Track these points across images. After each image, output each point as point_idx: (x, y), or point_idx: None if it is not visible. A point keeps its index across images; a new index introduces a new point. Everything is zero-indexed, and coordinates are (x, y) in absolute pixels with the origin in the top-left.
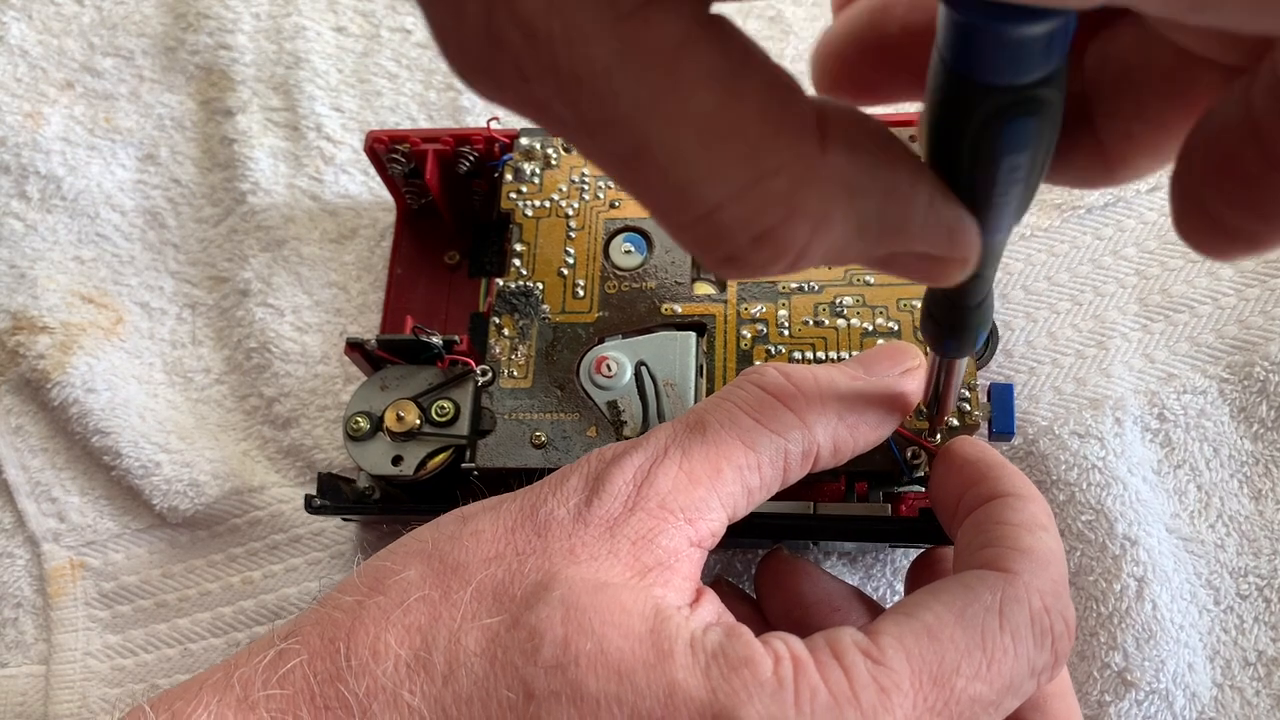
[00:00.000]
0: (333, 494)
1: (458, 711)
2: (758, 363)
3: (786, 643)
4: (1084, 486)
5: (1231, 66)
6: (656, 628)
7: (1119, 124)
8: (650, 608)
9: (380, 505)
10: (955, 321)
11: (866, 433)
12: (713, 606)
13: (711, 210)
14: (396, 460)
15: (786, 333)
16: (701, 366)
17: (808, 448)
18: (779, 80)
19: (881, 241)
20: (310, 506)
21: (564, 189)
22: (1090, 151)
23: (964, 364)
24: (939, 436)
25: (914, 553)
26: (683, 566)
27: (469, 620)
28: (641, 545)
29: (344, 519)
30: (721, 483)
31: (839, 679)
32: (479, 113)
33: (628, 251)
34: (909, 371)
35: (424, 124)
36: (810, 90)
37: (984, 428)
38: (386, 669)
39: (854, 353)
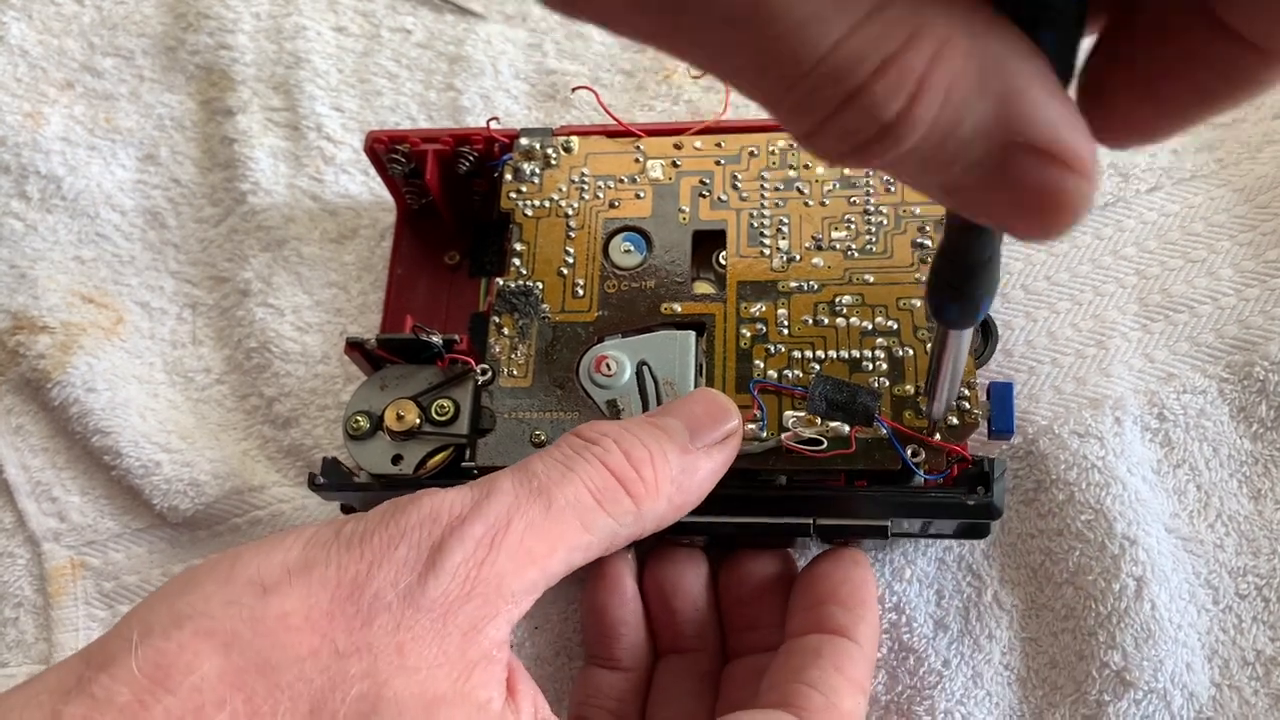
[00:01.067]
0: (335, 475)
1: None
2: (757, 362)
3: None
4: (1083, 486)
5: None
6: None
7: None
8: None
9: (384, 482)
10: (962, 282)
11: (689, 506)
12: (529, 694)
13: (833, 47)
14: (396, 459)
15: (786, 332)
16: (701, 366)
17: (634, 532)
18: None
19: (1002, 102)
20: (313, 484)
21: (564, 189)
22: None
23: (965, 344)
24: (936, 431)
25: (912, 553)
26: (502, 655)
27: None
28: (470, 638)
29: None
30: (553, 563)
31: None
32: (479, 113)
33: (627, 251)
34: (730, 438)
35: (424, 124)
36: None
37: (983, 426)
38: None
39: (854, 352)
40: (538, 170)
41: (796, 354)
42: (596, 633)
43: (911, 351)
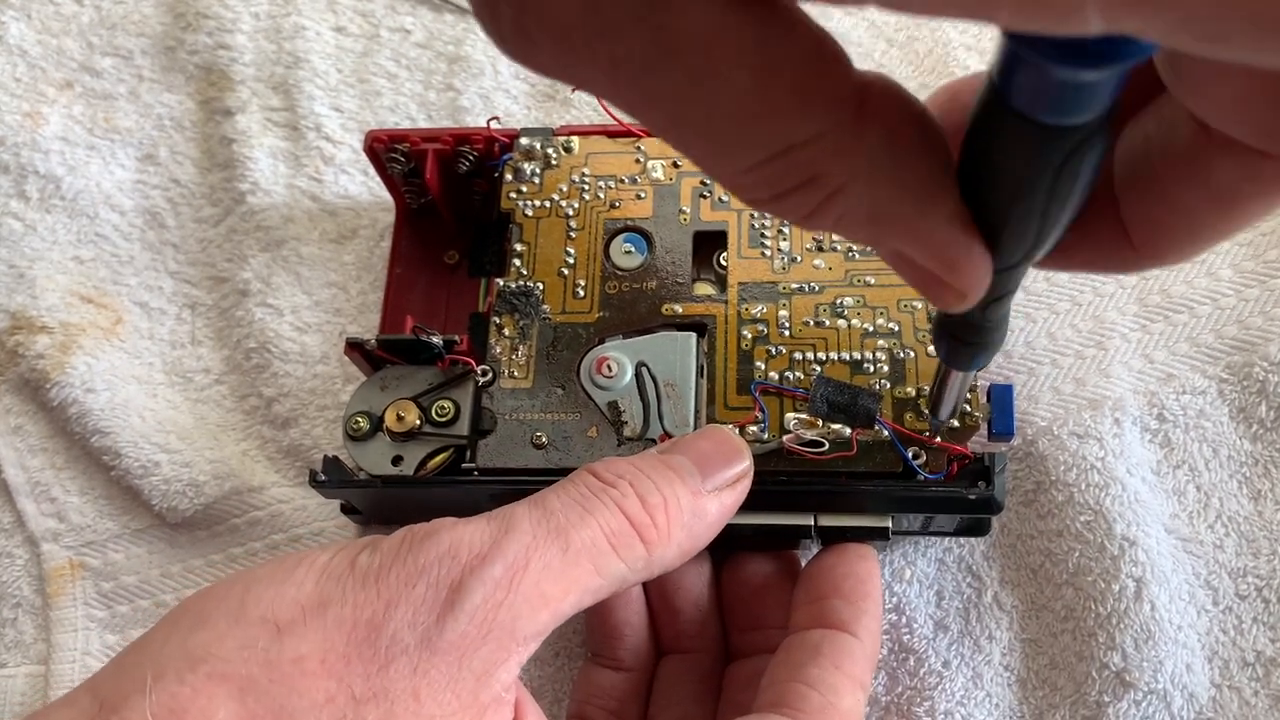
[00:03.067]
0: (336, 473)
1: None
2: (758, 363)
3: None
4: (1083, 487)
5: (1252, 149)
6: None
7: (1142, 208)
8: None
9: (384, 481)
10: (963, 338)
11: (697, 550)
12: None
13: (742, 172)
14: (396, 460)
15: (787, 333)
16: (702, 367)
17: (643, 577)
18: (818, 51)
19: (890, 235)
20: (314, 481)
21: (564, 189)
22: (1115, 235)
23: (968, 376)
24: (938, 435)
25: (912, 554)
26: (511, 697)
27: None
28: (483, 681)
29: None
30: (565, 605)
31: None
32: (479, 113)
33: (628, 251)
34: (740, 480)
35: (424, 124)
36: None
37: (983, 429)
38: None
39: (854, 354)
40: (538, 170)
41: (798, 355)
42: (600, 633)
43: (913, 353)
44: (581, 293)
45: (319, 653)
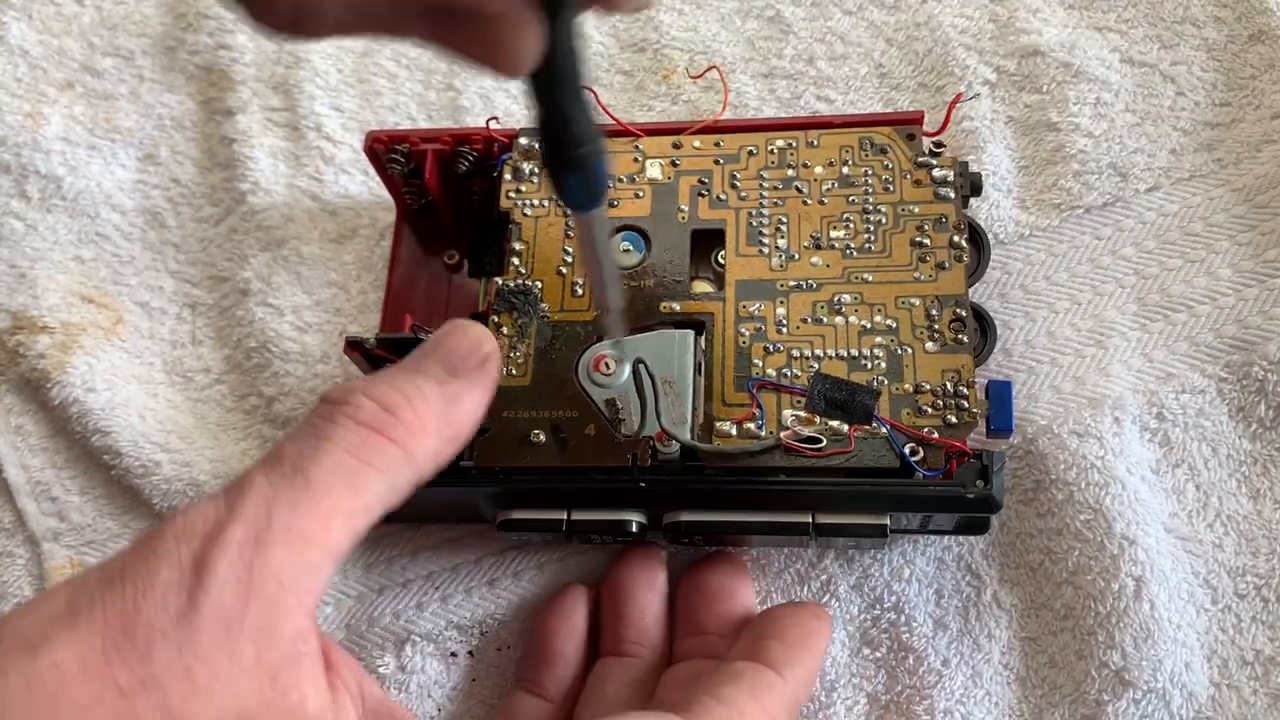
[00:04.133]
0: None
1: None
2: (756, 360)
3: None
4: (1082, 486)
5: None
6: None
7: None
8: None
9: None
10: (557, 157)
11: (463, 434)
12: (352, 681)
13: None
14: None
15: (785, 330)
16: (700, 364)
17: (414, 475)
18: None
19: (381, 24)
20: None
21: None
22: None
23: (603, 230)
24: (608, 323)
25: (911, 552)
26: (310, 648)
27: None
28: (265, 642)
29: None
30: (332, 538)
31: None
32: (478, 113)
33: (626, 250)
34: (488, 360)
35: (424, 124)
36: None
37: (982, 425)
38: None
39: (852, 351)
40: (537, 170)
41: (795, 352)
42: (534, 657)
43: (911, 350)
44: (580, 291)
45: (76, 658)
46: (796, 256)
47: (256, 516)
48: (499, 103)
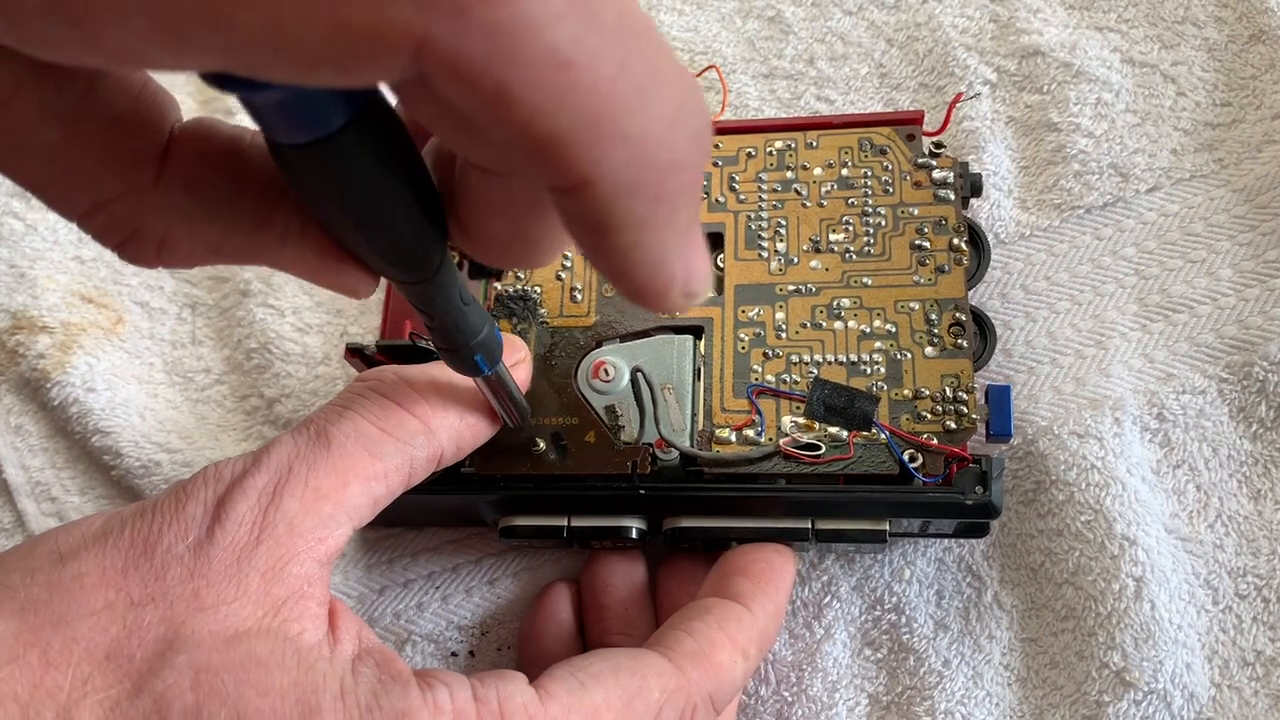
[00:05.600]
0: None
1: None
2: (755, 366)
3: (451, 691)
4: (1083, 486)
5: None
6: (300, 680)
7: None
8: (291, 656)
9: None
10: (437, 345)
11: (485, 429)
12: (352, 627)
13: (78, 220)
14: None
15: (784, 336)
16: (699, 370)
17: (432, 453)
18: (123, 118)
19: (242, 260)
20: None
21: None
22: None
23: (503, 378)
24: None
25: (912, 553)
26: (316, 591)
27: (80, 689)
28: (272, 577)
29: None
30: (349, 497)
31: None
32: None
33: None
34: (519, 364)
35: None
36: None
37: (981, 430)
38: None
39: (851, 356)
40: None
41: (794, 358)
42: (526, 661)
43: (910, 355)
44: (579, 297)
45: (98, 570)
46: (795, 260)
47: (278, 470)
48: None
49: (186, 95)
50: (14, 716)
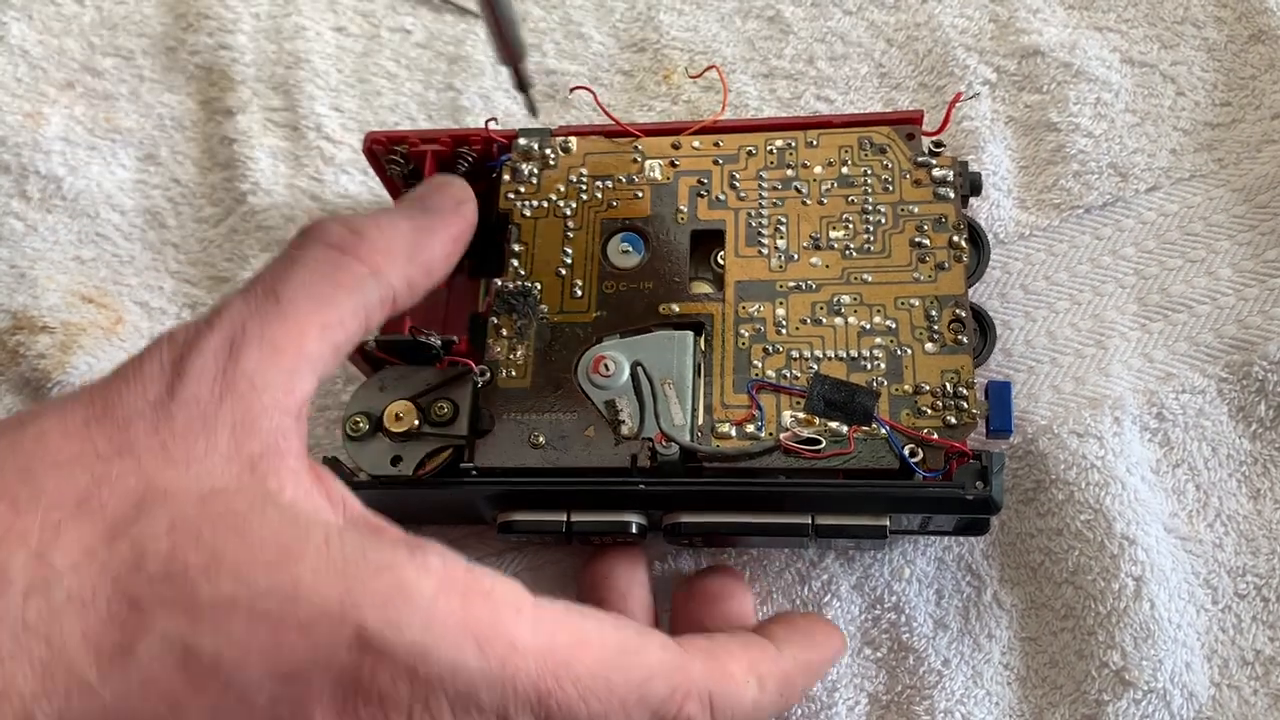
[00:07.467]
0: (336, 473)
1: (49, 628)
2: (755, 362)
3: (443, 559)
4: (1082, 485)
5: None
6: (281, 531)
7: None
8: (272, 510)
9: (383, 482)
10: None
11: (437, 266)
12: (337, 491)
13: None
14: (395, 460)
15: (784, 331)
16: (699, 365)
17: (384, 294)
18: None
19: None
20: None
21: (562, 189)
22: None
23: None
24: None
25: (911, 553)
26: (291, 445)
27: (51, 534)
28: (243, 432)
29: None
30: (307, 348)
31: (495, 611)
32: (479, 113)
33: (625, 251)
34: (463, 204)
35: (424, 124)
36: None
37: (981, 426)
38: None
39: (851, 352)
40: (536, 171)
41: (795, 353)
42: None
43: (910, 351)
44: (579, 292)
45: (59, 427)
46: (796, 257)
47: (232, 328)
48: (499, 103)
49: (187, 95)
50: None
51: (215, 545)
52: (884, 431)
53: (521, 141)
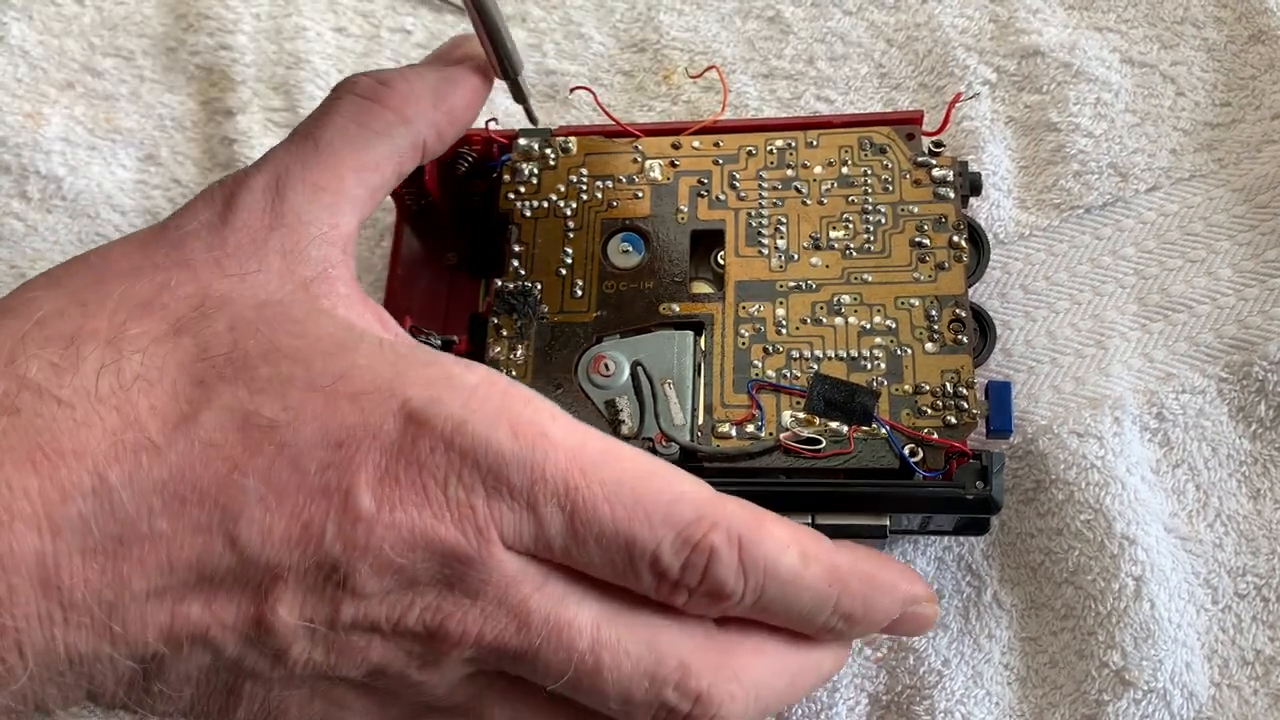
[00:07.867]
0: None
1: (119, 400)
2: (755, 361)
3: (490, 370)
4: (1082, 486)
5: None
6: (334, 331)
7: None
8: (326, 318)
9: None
10: None
11: (462, 113)
12: (388, 317)
13: None
14: None
15: (784, 331)
16: (699, 365)
17: (414, 140)
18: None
19: None
20: None
21: (562, 189)
22: None
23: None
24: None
25: (911, 553)
26: (341, 274)
27: (119, 330)
28: (293, 259)
29: None
30: (346, 188)
31: (533, 409)
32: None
33: (625, 251)
34: (483, 64)
35: None
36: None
37: (981, 426)
38: (29, 370)
39: (851, 352)
40: (536, 171)
41: (795, 353)
42: None
43: (910, 351)
44: (579, 292)
45: (120, 249)
46: (796, 257)
47: (276, 170)
48: (499, 103)
49: (187, 96)
50: (58, 348)
51: (274, 339)
52: (884, 431)
53: (522, 142)
